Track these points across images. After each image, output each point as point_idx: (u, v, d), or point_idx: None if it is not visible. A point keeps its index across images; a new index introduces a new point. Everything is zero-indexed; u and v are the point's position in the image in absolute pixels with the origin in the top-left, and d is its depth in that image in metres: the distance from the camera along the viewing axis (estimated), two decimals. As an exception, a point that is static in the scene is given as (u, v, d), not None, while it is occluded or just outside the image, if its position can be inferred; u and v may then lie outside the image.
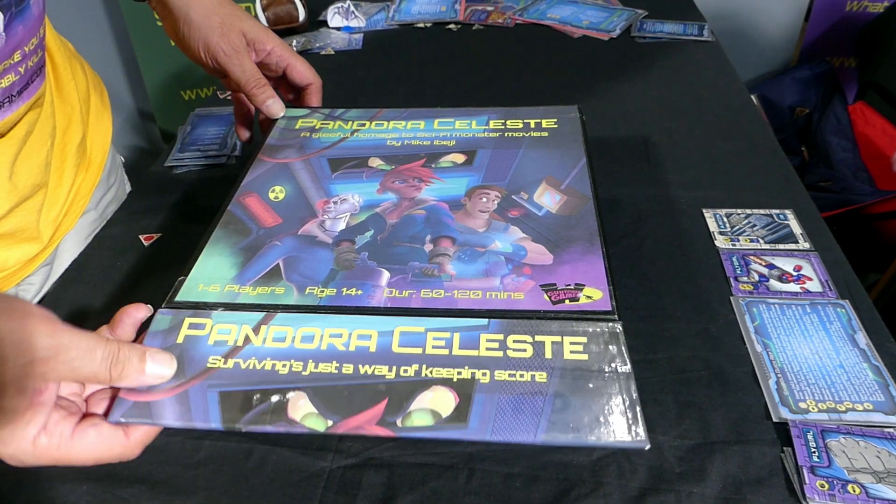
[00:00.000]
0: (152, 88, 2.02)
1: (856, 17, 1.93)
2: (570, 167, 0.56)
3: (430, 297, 0.45)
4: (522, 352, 0.41)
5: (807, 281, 0.59)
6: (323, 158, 0.60)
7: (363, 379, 0.40)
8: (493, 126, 0.63)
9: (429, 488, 0.45)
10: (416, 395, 0.39)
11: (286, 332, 0.43)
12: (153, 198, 0.77)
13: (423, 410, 0.38)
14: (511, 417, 0.38)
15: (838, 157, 1.73)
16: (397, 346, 0.42)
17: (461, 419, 0.38)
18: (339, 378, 0.40)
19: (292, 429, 0.38)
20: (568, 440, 0.37)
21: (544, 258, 0.47)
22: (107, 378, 0.38)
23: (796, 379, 0.50)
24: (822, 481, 0.43)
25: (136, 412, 0.39)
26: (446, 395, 0.39)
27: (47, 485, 0.46)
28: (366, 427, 0.38)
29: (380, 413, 0.38)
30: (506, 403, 0.38)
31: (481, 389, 0.39)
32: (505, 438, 0.37)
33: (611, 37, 1.11)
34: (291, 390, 0.40)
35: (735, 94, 0.92)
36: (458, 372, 0.40)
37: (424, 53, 1.12)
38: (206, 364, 0.41)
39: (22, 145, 0.62)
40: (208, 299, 0.46)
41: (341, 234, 0.51)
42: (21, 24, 0.56)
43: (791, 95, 1.89)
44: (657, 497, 0.44)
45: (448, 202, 0.54)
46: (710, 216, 0.68)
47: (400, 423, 0.38)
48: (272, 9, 1.20)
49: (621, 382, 0.39)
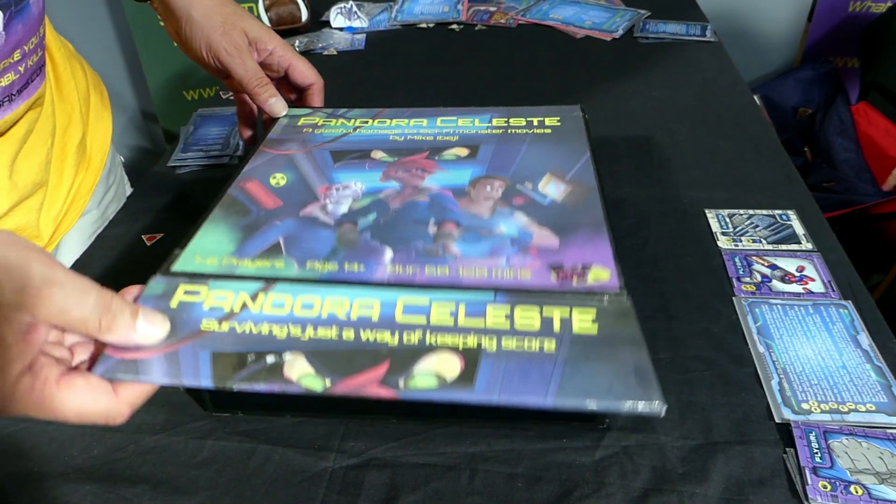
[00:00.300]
0: (155, 89, 2.02)
1: (859, 17, 1.92)
2: (574, 161, 0.56)
3: (434, 273, 0.44)
4: (530, 324, 0.40)
5: (809, 282, 0.59)
6: (325, 151, 0.60)
7: (365, 345, 0.39)
8: (496, 124, 0.63)
9: (431, 488, 0.45)
10: (420, 359, 0.38)
11: (285, 299, 0.42)
12: (156, 198, 0.77)
13: (427, 374, 0.37)
14: (520, 381, 0.36)
15: (841, 157, 1.73)
16: (401, 315, 0.41)
17: (467, 382, 0.37)
18: (340, 344, 0.39)
19: (288, 388, 0.37)
20: (580, 404, 0.36)
21: (550, 241, 0.47)
22: (96, 326, 0.36)
23: (799, 380, 0.50)
24: (824, 482, 0.43)
25: (122, 368, 0.37)
26: (452, 360, 0.38)
27: (50, 484, 0.46)
28: (366, 387, 0.37)
29: (382, 374, 0.37)
30: (514, 368, 0.37)
31: (488, 356, 0.38)
32: (513, 400, 0.36)
33: (613, 37, 1.11)
34: (288, 352, 0.38)
35: (738, 95, 0.92)
36: (463, 340, 0.39)
37: (427, 54, 1.12)
38: (200, 327, 0.40)
39: (22, 144, 0.62)
40: (205, 271, 0.45)
41: (343, 217, 0.51)
42: (21, 22, 0.57)
43: (794, 96, 1.89)
44: (659, 497, 0.44)
45: (452, 190, 0.54)
46: (713, 216, 0.68)
47: (402, 385, 0.37)
48: (275, 9, 1.20)
49: (634, 350, 0.38)
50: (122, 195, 0.83)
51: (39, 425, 0.50)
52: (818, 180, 1.70)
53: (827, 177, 1.71)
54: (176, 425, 0.50)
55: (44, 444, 0.49)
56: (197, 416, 0.51)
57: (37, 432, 0.50)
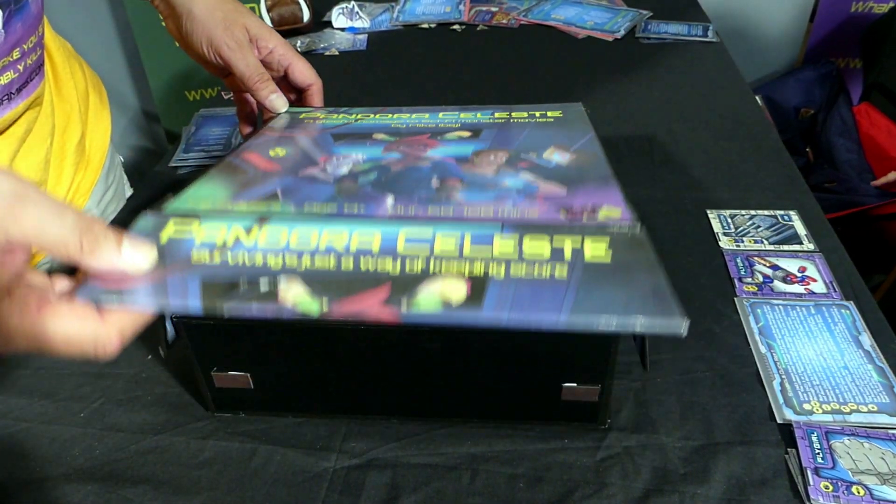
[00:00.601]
0: (157, 89, 2.02)
1: (861, 17, 1.92)
2: (578, 138, 0.54)
3: (437, 213, 0.42)
4: (540, 253, 0.37)
5: (811, 282, 0.59)
6: (327, 133, 0.59)
7: (365, 274, 0.36)
8: (498, 116, 0.62)
9: (432, 489, 0.45)
10: (424, 283, 0.35)
11: (281, 232, 0.39)
12: (157, 198, 0.77)
13: (432, 296, 0.34)
14: (531, 302, 0.34)
15: (843, 158, 1.73)
16: (403, 245, 0.38)
17: (475, 304, 0.34)
18: (339, 273, 0.36)
19: (282, 312, 0.34)
20: (595, 322, 0.33)
21: (558, 191, 0.45)
22: (77, 247, 0.33)
23: (800, 380, 0.50)
24: (826, 483, 0.43)
25: (107, 295, 0.34)
26: (458, 284, 0.35)
27: (51, 485, 0.46)
28: (367, 310, 0.34)
29: (383, 296, 0.34)
30: (524, 291, 0.34)
31: (496, 282, 0.35)
32: (525, 320, 0.33)
33: (615, 37, 1.11)
34: (284, 277, 0.36)
35: (739, 95, 0.92)
36: (469, 267, 0.36)
37: (429, 54, 1.12)
38: (190, 258, 0.37)
39: (21, 143, 0.63)
40: (198, 211, 0.43)
41: (343, 176, 0.49)
42: (20, 21, 0.57)
43: (796, 96, 1.89)
44: (661, 498, 0.44)
45: (455, 158, 0.52)
46: (715, 217, 0.68)
47: (406, 307, 0.34)
48: (277, 9, 1.20)
49: (651, 275, 0.35)
50: (121, 195, 0.83)
51: (41, 426, 0.50)
52: (820, 181, 1.70)
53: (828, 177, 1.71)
54: (177, 425, 0.50)
55: (45, 444, 0.49)
56: (198, 416, 0.51)
57: (38, 433, 0.50)
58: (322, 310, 0.34)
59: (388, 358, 0.46)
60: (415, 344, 0.45)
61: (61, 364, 0.55)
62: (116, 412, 0.51)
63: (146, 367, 0.55)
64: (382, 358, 0.46)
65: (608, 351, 0.44)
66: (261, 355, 0.47)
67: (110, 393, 0.53)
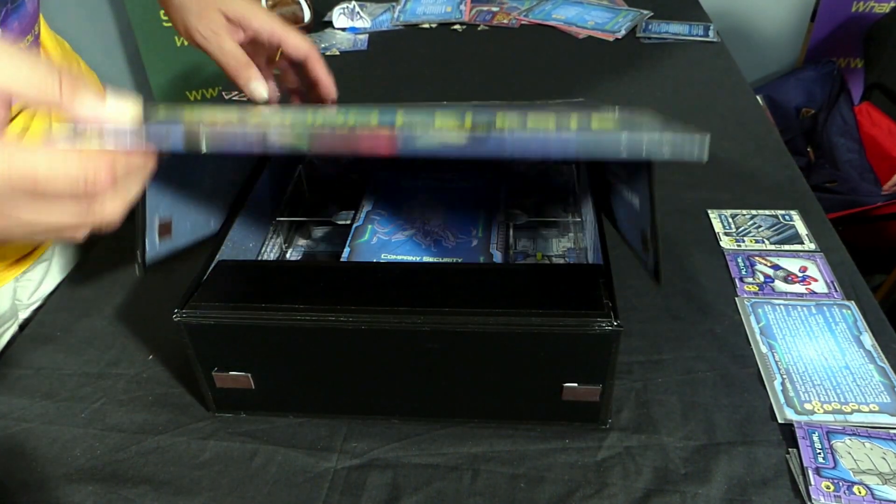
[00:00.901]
0: (158, 89, 2.02)
1: (862, 17, 1.92)
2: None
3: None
4: (545, 126, 0.35)
5: (812, 282, 0.59)
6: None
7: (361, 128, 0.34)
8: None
9: (433, 489, 0.45)
10: (425, 128, 0.33)
11: (276, 114, 0.38)
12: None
13: (434, 131, 0.32)
14: (538, 138, 0.32)
15: (844, 157, 1.73)
16: (401, 119, 0.36)
17: (479, 139, 0.32)
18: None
19: (269, 139, 0.32)
20: (611, 137, 0.31)
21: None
22: (55, 93, 0.31)
23: (802, 380, 0.50)
24: (827, 483, 0.43)
25: (86, 135, 0.32)
26: (460, 132, 0.33)
27: (52, 485, 0.46)
28: (362, 139, 0.32)
29: (383, 133, 0.32)
30: (531, 135, 0.33)
31: (500, 130, 0.33)
32: (533, 138, 0.31)
33: (616, 37, 1.11)
34: (275, 116, 0.34)
35: (740, 95, 0.92)
36: (472, 124, 0.34)
37: (430, 54, 1.12)
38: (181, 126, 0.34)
39: None
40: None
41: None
42: (17, 20, 0.57)
43: (797, 96, 1.89)
44: (662, 498, 0.44)
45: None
46: (716, 217, 0.68)
47: (402, 143, 0.32)
48: (277, 9, 1.20)
49: (661, 124, 0.34)
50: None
51: (42, 426, 0.50)
52: (821, 181, 1.70)
53: (830, 177, 1.71)
54: (178, 426, 0.50)
55: (46, 444, 0.49)
56: (199, 416, 0.51)
57: (39, 433, 0.50)
58: (310, 137, 0.32)
59: (389, 358, 0.46)
60: (416, 344, 0.45)
61: (62, 364, 0.56)
62: (117, 412, 0.51)
63: (147, 367, 0.55)
64: (384, 358, 0.46)
65: (609, 351, 0.44)
66: (262, 355, 0.47)
67: (111, 393, 0.53)
